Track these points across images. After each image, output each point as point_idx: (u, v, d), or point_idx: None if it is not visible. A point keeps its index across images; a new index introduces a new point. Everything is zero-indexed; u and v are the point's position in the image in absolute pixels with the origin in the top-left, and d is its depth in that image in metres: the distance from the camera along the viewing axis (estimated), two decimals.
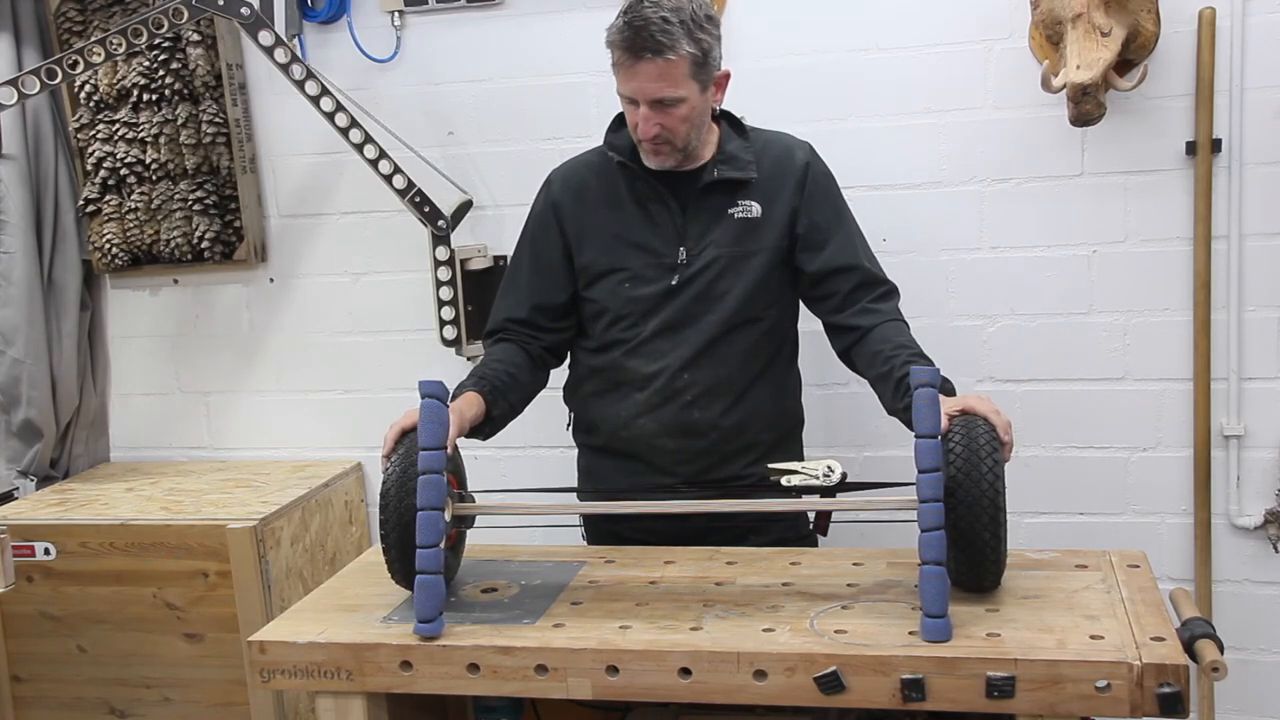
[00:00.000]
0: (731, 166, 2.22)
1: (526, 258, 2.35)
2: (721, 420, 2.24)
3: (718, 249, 2.22)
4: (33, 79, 2.66)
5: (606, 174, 2.28)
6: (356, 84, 3.02)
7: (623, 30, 2.07)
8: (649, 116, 2.11)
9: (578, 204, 2.29)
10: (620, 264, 2.25)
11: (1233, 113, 2.62)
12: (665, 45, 2.04)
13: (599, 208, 2.28)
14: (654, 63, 2.06)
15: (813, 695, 1.68)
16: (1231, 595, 2.80)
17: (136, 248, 3.20)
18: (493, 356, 2.28)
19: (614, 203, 2.27)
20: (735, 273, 2.22)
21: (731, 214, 2.22)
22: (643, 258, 2.24)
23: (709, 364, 2.23)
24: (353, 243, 3.16)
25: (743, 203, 2.23)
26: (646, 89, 2.09)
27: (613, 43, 2.10)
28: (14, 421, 3.19)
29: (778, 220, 2.23)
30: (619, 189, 2.27)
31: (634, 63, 2.07)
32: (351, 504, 3.19)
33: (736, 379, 2.24)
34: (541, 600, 1.95)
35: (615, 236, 2.25)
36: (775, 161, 2.25)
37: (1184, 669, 1.59)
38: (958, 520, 1.76)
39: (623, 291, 2.25)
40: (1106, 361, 2.79)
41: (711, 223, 2.23)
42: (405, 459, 1.93)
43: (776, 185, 2.24)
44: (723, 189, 2.23)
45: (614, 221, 2.26)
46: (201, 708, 2.84)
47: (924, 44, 2.75)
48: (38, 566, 2.84)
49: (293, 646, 1.85)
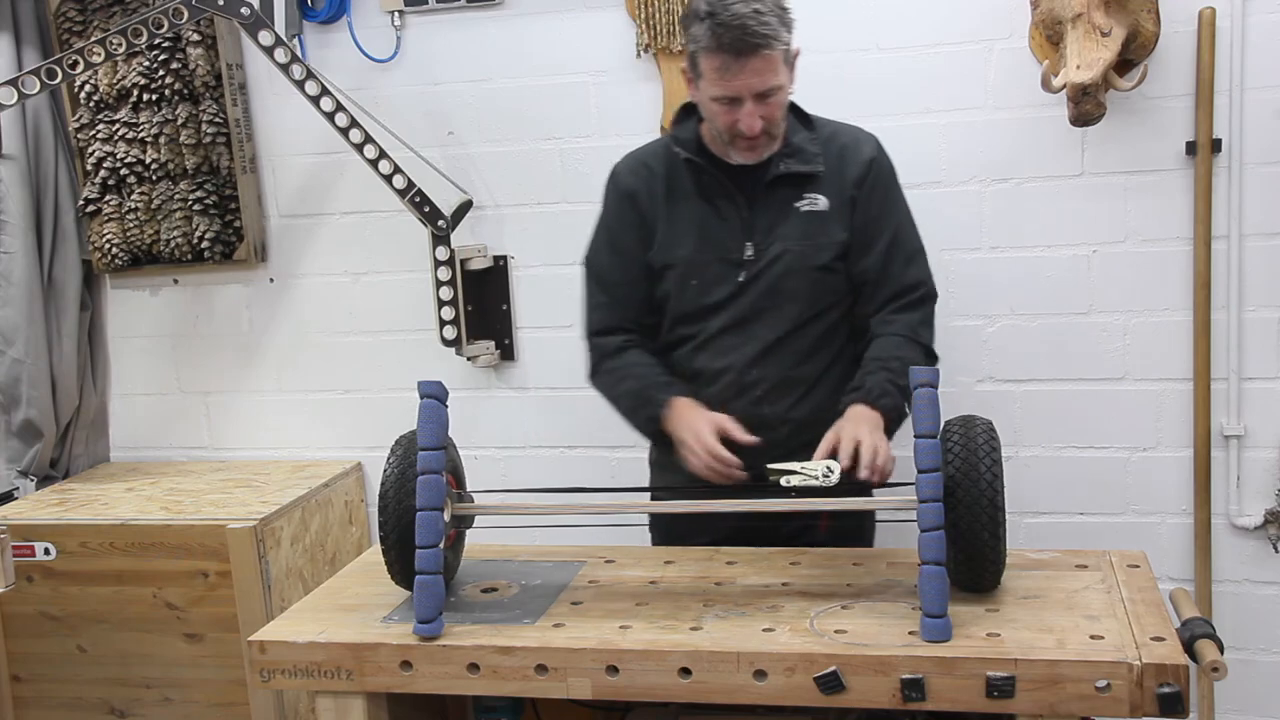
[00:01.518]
0: (798, 160, 2.19)
1: (606, 259, 2.32)
2: (791, 414, 2.21)
3: (785, 244, 2.19)
4: (33, 79, 2.66)
5: (673, 168, 2.25)
6: (356, 84, 3.02)
7: (718, 32, 2.01)
8: (753, 112, 2.08)
9: (649, 194, 2.26)
10: (688, 259, 2.22)
11: (1233, 113, 2.62)
12: (770, 37, 2.02)
13: (667, 201, 2.25)
14: (761, 58, 2.02)
15: (813, 695, 1.68)
16: (1231, 595, 2.80)
17: (136, 248, 3.20)
18: (647, 362, 2.26)
19: (682, 196, 2.23)
20: (802, 268, 2.19)
21: (798, 207, 2.19)
22: (710, 253, 2.21)
23: (777, 360, 2.20)
24: (353, 243, 3.16)
25: (809, 195, 2.20)
26: (753, 84, 2.05)
27: (708, 48, 2.04)
28: (14, 421, 3.19)
29: (843, 212, 2.20)
30: (685, 183, 2.23)
31: (740, 61, 2.03)
32: (351, 504, 3.19)
33: (806, 373, 2.22)
34: (541, 600, 1.95)
35: (683, 231, 2.22)
36: (841, 153, 2.22)
37: (1184, 669, 1.59)
38: (957, 519, 1.76)
39: (690, 287, 2.22)
40: (1106, 361, 2.79)
41: (778, 217, 2.20)
42: (403, 459, 1.93)
43: (842, 177, 2.21)
44: (789, 182, 2.19)
45: (682, 216, 2.23)
46: (201, 708, 2.84)
47: (924, 44, 2.75)
48: (38, 566, 2.84)
49: (293, 646, 1.85)
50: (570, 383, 3.08)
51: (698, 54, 2.08)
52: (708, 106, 2.13)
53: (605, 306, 2.32)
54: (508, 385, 3.12)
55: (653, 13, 2.83)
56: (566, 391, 3.08)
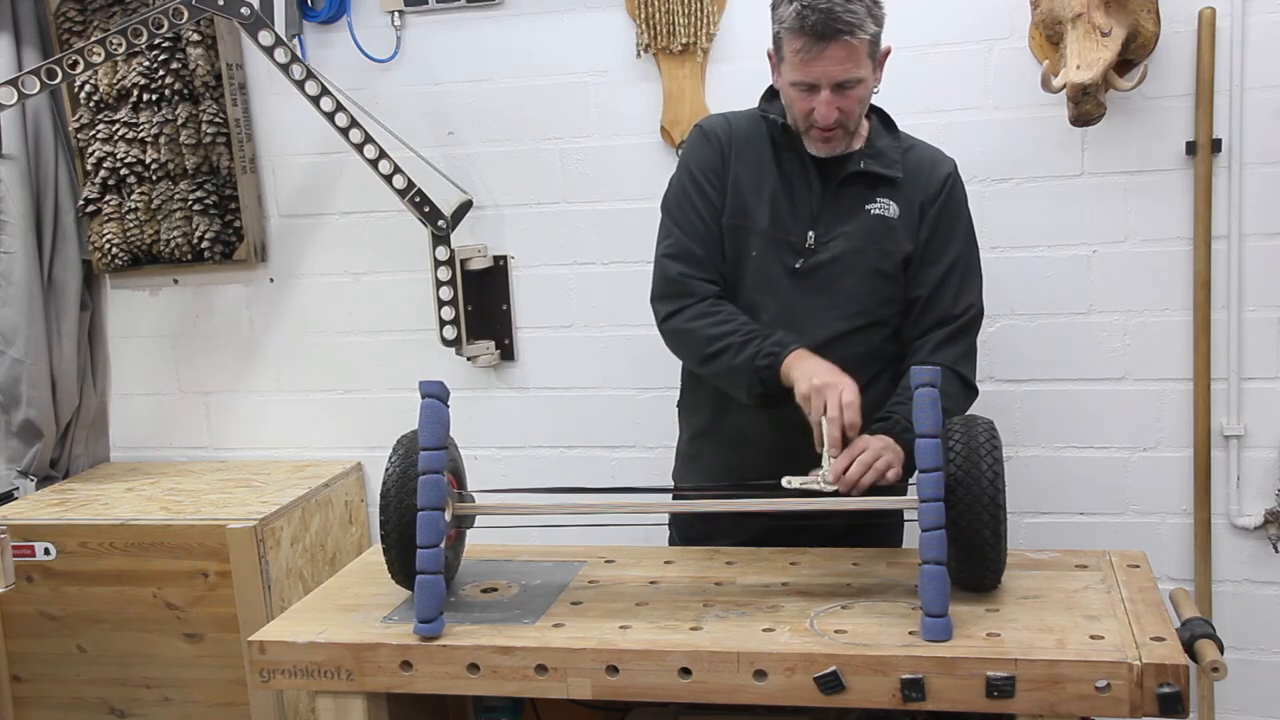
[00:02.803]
0: (879, 162, 2.17)
1: (691, 199, 2.20)
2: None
3: (848, 241, 2.15)
4: (33, 79, 2.66)
5: (756, 137, 2.21)
6: (356, 84, 3.02)
7: (804, 15, 1.98)
8: (830, 101, 2.05)
9: (730, 148, 2.21)
10: (753, 229, 2.17)
11: (1233, 113, 2.62)
12: (855, 25, 1.99)
13: (748, 164, 2.20)
14: (844, 45, 2.00)
15: (813, 695, 1.68)
16: (1231, 595, 2.80)
17: (136, 248, 3.20)
18: (746, 320, 2.12)
19: (759, 165, 2.19)
20: (862, 270, 2.15)
21: (869, 209, 2.16)
22: (773, 231, 2.16)
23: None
24: (353, 243, 3.16)
25: (881, 200, 2.17)
26: (832, 72, 2.02)
27: (792, 29, 2.01)
28: (14, 421, 3.19)
29: (910, 226, 2.18)
30: (765, 155, 2.19)
31: (822, 47, 2.00)
32: (351, 504, 3.19)
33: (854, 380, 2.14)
34: (541, 600, 1.95)
35: (753, 199, 2.18)
36: (919, 167, 2.20)
37: (1184, 669, 1.60)
38: (958, 518, 1.76)
39: (750, 258, 2.17)
40: (1106, 361, 2.79)
41: (847, 214, 2.16)
42: (405, 459, 1.93)
43: (916, 191, 2.18)
44: (864, 182, 2.17)
45: (756, 184, 2.18)
46: (201, 708, 2.84)
47: (924, 44, 2.75)
48: (38, 566, 2.84)
49: (293, 646, 1.85)
50: (570, 383, 3.08)
51: (781, 35, 2.06)
52: (787, 92, 2.11)
53: (688, 244, 2.19)
54: (508, 385, 3.12)
55: (653, 13, 2.83)
56: (566, 391, 3.08)
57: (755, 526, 2.21)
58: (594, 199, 2.96)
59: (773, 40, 2.12)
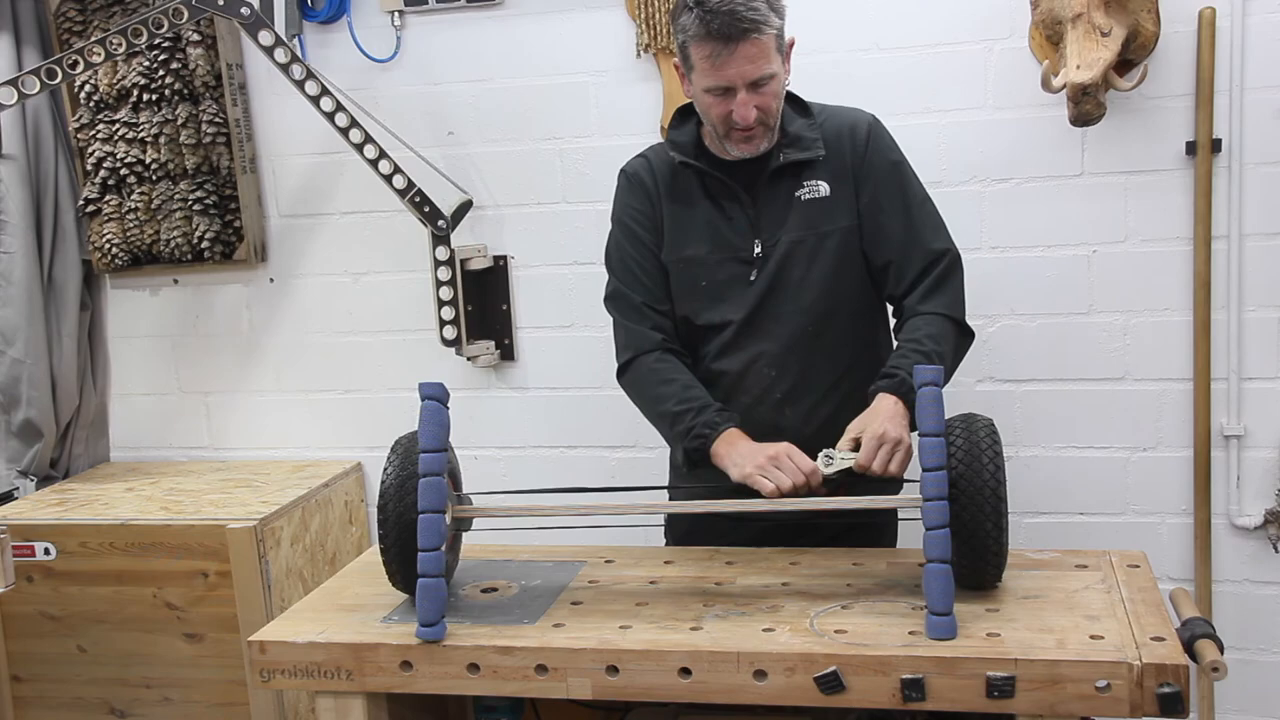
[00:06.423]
0: (797, 148, 2.16)
1: (627, 248, 2.24)
2: (815, 413, 2.16)
3: (790, 236, 2.15)
4: (33, 79, 2.66)
5: (675, 172, 2.22)
6: (356, 84, 3.02)
7: (707, 20, 1.99)
8: (747, 100, 2.05)
9: (656, 193, 2.23)
10: (699, 259, 2.18)
11: (1233, 113, 2.62)
12: (759, 21, 1.99)
13: (672, 202, 2.21)
14: (752, 43, 2.00)
15: (813, 695, 1.68)
16: (1231, 595, 2.80)
17: (136, 248, 3.20)
18: (687, 382, 2.16)
19: (687, 199, 2.20)
20: (810, 259, 2.15)
21: (799, 196, 2.16)
22: (718, 255, 2.17)
23: (796, 360, 2.16)
24: (353, 243, 3.16)
25: (809, 183, 2.16)
26: (745, 71, 2.02)
27: (697, 36, 2.01)
28: (14, 421, 3.19)
29: (847, 197, 2.17)
30: (690, 185, 2.20)
31: (731, 48, 2.00)
32: (351, 504, 3.19)
33: (826, 372, 2.17)
34: (541, 600, 1.95)
35: (691, 233, 2.19)
36: (838, 136, 2.19)
37: (1184, 669, 1.59)
38: (960, 513, 1.76)
39: (699, 288, 2.19)
40: (1106, 361, 2.79)
41: (782, 210, 2.16)
42: (402, 463, 1.93)
43: (840, 160, 2.17)
44: (790, 172, 2.16)
45: (689, 218, 2.20)
46: (201, 708, 2.84)
47: (924, 44, 2.75)
48: (38, 566, 2.84)
49: (293, 646, 1.85)
50: (570, 383, 3.08)
51: (687, 44, 2.06)
52: (701, 99, 2.11)
53: (625, 292, 2.24)
54: (508, 385, 3.12)
55: (653, 13, 2.83)
56: (566, 391, 3.08)
57: (753, 529, 2.21)
58: (594, 199, 2.96)
59: (679, 52, 2.11)
